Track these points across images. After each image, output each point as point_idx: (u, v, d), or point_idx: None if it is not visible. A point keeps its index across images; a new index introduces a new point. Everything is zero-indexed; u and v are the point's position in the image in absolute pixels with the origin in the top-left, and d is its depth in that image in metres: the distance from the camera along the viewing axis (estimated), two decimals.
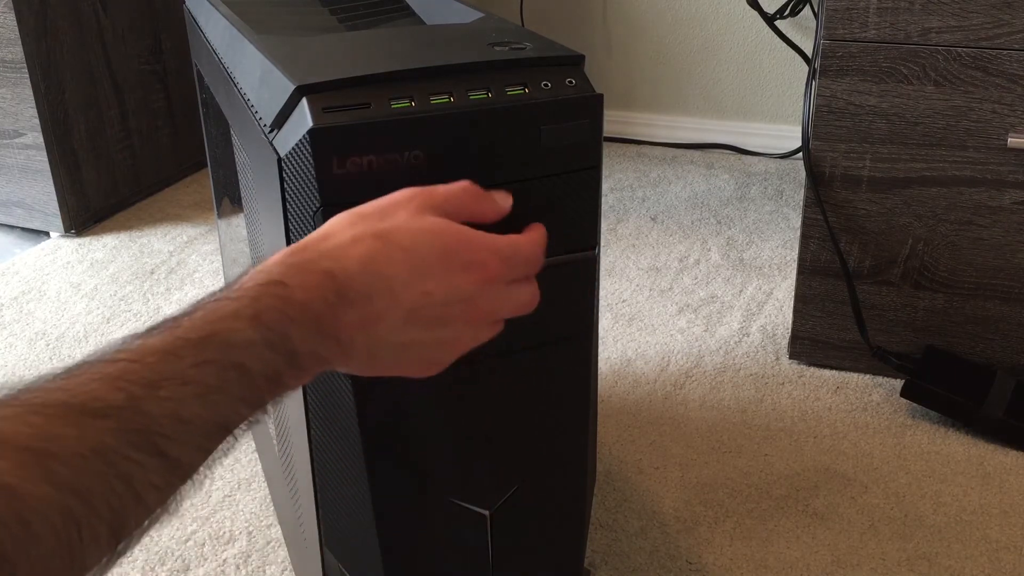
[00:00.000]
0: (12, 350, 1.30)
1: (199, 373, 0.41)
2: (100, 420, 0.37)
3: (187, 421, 0.40)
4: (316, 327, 0.46)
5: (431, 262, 0.49)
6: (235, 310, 0.44)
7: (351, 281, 0.47)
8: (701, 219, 1.65)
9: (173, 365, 0.41)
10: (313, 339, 0.46)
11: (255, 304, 0.44)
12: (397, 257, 0.48)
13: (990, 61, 1.01)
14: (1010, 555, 0.92)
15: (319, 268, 0.47)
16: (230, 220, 0.94)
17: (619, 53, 2.00)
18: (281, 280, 0.46)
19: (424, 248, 0.49)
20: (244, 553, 0.93)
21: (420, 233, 0.50)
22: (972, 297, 1.11)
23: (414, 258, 0.49)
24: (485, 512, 0.67)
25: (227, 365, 0.42)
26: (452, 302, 0.50)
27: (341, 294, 0.47)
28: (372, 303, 0.48)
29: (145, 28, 1.73)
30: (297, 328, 0.45)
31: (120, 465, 0.37)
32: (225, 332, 0.43)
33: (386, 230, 0.49)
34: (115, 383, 0.39)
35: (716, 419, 1.12)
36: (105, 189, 1.69)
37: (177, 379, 0.40)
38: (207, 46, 0.84)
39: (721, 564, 0.91)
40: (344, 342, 0.47)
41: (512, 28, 0.69)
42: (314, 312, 0.46)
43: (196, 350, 0.42)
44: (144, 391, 0.39)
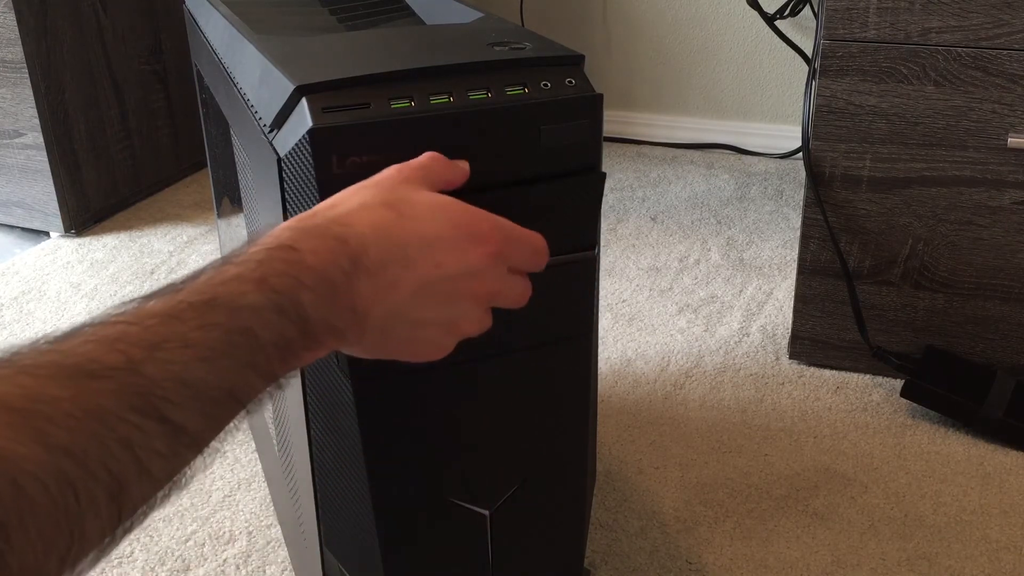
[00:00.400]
0: None
1: (203, 336, 0.39)
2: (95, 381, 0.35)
3: (191, 385, 0.38)
4: (331, 295, 0.44)
5: (442, 233, 0.48)
6: (239, 274, 0.42)
7: (365, 248, 0.46)
8: (701, 219, 1.65)
9: (174, 327, 0.38)
10: (327, 307, 0.44)
11: (261, 268, 0.42)
12: (408, 227, 0.47)
13: (990, 61, 1.01)
14: (1010, 555, 0.92)
15: (331, 233, 0.45)
16: (230, 220, 0.94)
17: (619, 53, 2.00)
18: (291, 244, 0.44)
19: (434, 220, 0.48)
20: (244, 553, 0.93)
21: (428, 206, 0.49)
22: (972, 297, 1.11)
23: (425, 228, 0.48)
24: (485, 512, 0.67)
25: (233, 329, 0.40)
26: (461, 276, 0.49)
27: (355, 261, 0.45)
28: (387, 271, 0.46)
29: (145, 28, 1.73)
30: (309, 294, 0.43)
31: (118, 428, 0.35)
32: (230, 295, 0.41)
33: (394, 200, 0.48)
34: (112, 345, 0.37)
35: (716, 419, 1.12)
36: (105, 189, 1.69)
37: (178, 341, 0.38)
38: (207, 46, 0.84)
39: (721, 564, 0.91)
40: (360, 313, 0.45)
41: (512, 28, 0.69)
42: (328, 279, 0.44)
43: (199, 313, 0.39)
44: (143, 353, 0.37)
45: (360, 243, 0.46)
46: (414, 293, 0.47)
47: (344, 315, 0.45)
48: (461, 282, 0.49)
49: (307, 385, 0.62)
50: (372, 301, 0.46)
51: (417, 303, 0.48)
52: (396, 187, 0.49)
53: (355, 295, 0.45)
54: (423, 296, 0.48)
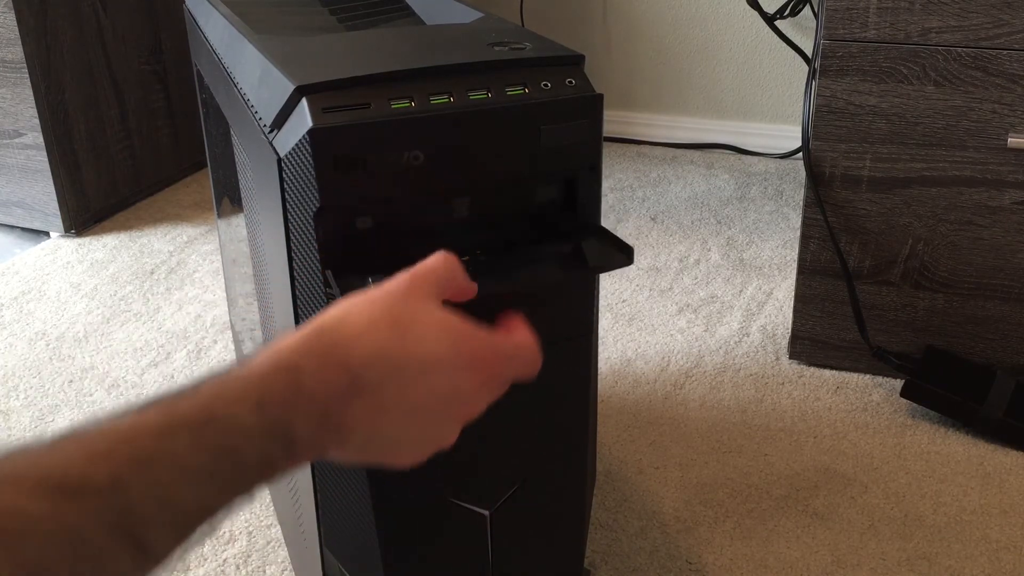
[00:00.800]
0: (12, 350, 1.30)
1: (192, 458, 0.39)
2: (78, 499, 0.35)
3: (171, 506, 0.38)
4: (321, 418, 0.45)
5: (440, 358, 0.48)
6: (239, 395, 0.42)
7: (365, 370, 0.46)
8: (701, 219, 1.65)
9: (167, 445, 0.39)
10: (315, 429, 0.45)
11: (261, 389, 0.43)
12: (410, 349, 0.47)
13: (990, 61, 1.01)
14: (1010, 555, 0.92)
15: (335, 358, 0.46)
16: (230, 220, 0.94)
17: (619, 53, 2.00)
18: (296, 366, 0.45)
19: (436, 343, 0.48)
20: (244, 553, 0.93)
21: (433, 327, 0.49)
22: (972, 297, 1.11)
23: (425, 351, 0.48)
24: (485, 512, 0.67)
25: (222, 450, 0.41)
26: (452, 399, 0.49)
27: (354, 384, 0.46)
28: (381, 394, 0.47)
29: (145, 28, 1.73)
30: (301, 418, 0.44)
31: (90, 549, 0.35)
32: (225, 416, 0.41)
33: (401, 318, 0.48)
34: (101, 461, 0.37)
35: (716, 419, 1.12)
36: (105, 189, 1.69)
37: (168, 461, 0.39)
38: (207, 46, 0.84)
39: (721, 564, 0.91)
40: (344, 432, 0.46)
41: (512, 28, 0.69)
42: (322, 403, 0.45)
43: (193, 432, 0.40)
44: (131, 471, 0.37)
45: (362, 366, 0.46)
46: (403, 415, 0.48)
47: (330, 435, 0.46)
48: (451, 405, 0.50)
49: None
50: (361, 422, 0.46)
51: (404, 424, 0.48)
52: (407, 301, 0.49)
53: (344, 418, 0.46)
54: (411, 418, 0.48)
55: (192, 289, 1.45)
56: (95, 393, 1.20)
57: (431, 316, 0.49)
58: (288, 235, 0.59)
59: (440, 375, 0.48)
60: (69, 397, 1.19)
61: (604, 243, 0.61)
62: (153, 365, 1.26)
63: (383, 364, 0.46)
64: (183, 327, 1.35)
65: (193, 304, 1.41)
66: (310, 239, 0.57)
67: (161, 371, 1.24)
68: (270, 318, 0.74)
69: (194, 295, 1.43)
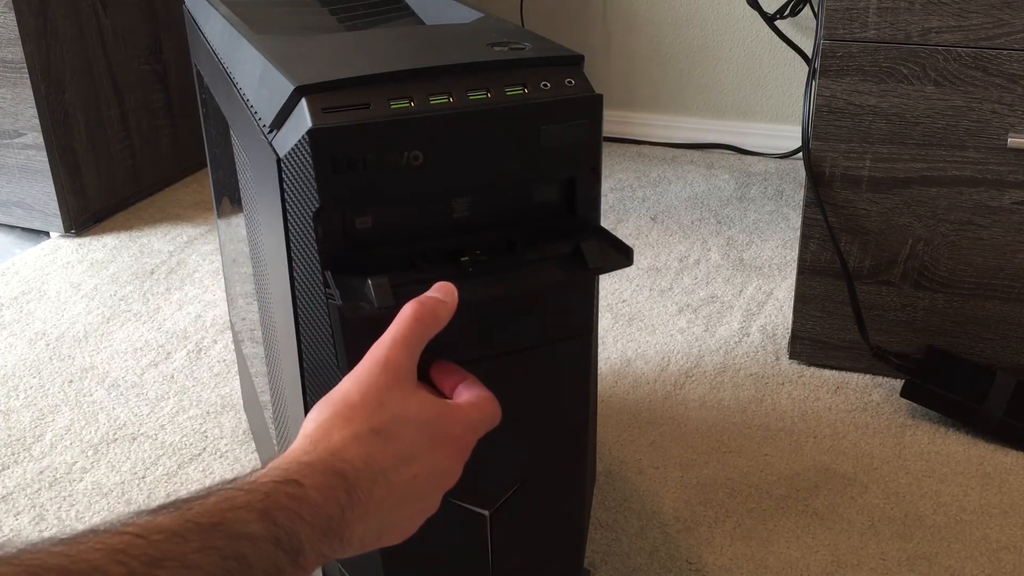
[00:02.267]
0: (12, 350, 1.30)
1: (202, 558, 0.41)
2: None
3: None
4: (326, 528, 0.48)
5: (419, 448, 0.53)
6: (247, 502, 0.45)
7: (358, 480, 0.50)
8: (701, 219, 1.65)
9: (178, 546, 0.41)
10: (321, 540, 0.47)
11: (267, 500, 0.45)
12: (392, 450, 0.52)
13: (990, 61, 1.01)
14: (1010, 555, 0.92)
15: (332, 468, 0.49)
16: (230, 220, 0.94)
17: (619, 53, 2.00)
18: (297, 479, 0.47)
19: (413, 437, 0.52)
20: None
21: (408, 423, 0.53)
22: (972, 297, 1.11)
23: (405, 448, 0.52)
24: (485, 512, 0.67)
25: (230, 554, 0.43)
26: (433, 477, 0.54)
27: (350, 494, 0.49)
28: (372, 497, 0.50)
29: (145, 28, 1.73)
30: (307, 528, 0.46)
31: None
32: (234, 522, 0.44)
33: (380, 425, 0.52)
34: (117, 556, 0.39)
35: (716, 419, 1.12)
36: (105, 189, 1.69)
37: (179, 561, 0.40)
38: (207, 46, 0.84)
39: (721, 564, 0.91)
40: (345, 540, 0.50)
41: (512, 28, 0.69)
42: (326, 514, 0.48)
43: (203, 535, 0.42)
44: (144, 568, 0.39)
45: (355, 477, 0.50)
46: (392, 507, 0.52)
47: (333, 543, 0.49)
48: (432, 484, 0.54)
49: (307, 386, 0.62)
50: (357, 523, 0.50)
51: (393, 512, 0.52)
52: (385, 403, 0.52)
53: (345, 526, 0.49)
54: (398, 505, 0.52)
55: (192, 289, 1.45)
56: (95, 393, 1.20)
57: (408, 412, 0.53)
58: (288, 235, 0.59)
59: (420, 463, 0.53)
60: (69, 397, 1.19)
61: (604, 244, 0.62)
62: (153, 365, 1.26)
63: (371, 471, 0.51)
64: (183, 327, 1.35)
65: (193, 304, 1.41)
66: (310, 239, 0.57)
67: (161, 371, 1.24)
68: (270, 318, 0.74)
69: (194, 295, 1.43)
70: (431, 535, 0.67)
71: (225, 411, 1.16)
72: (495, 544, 0.68)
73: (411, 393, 0.54)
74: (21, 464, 1.07)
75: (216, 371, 1.24)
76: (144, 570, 0.39)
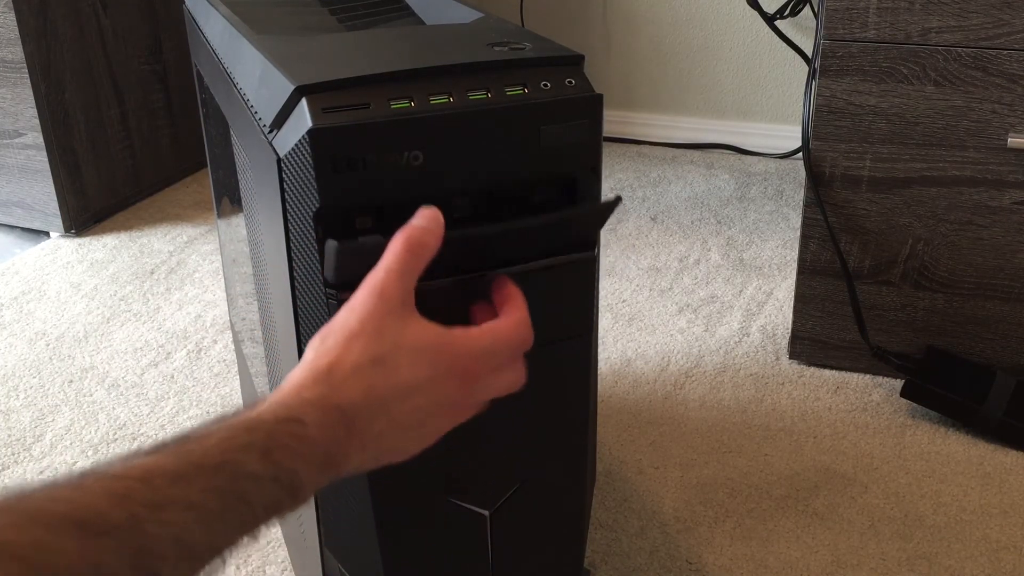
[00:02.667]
0: (12, 350, 1.30)
1: (204, 499, 0.42)
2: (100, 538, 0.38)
3: (185, 544, 0.41)
4: (324, 462, 0.48)
5: (421, 379, 0.52)
6: (249, 443, 0.46)
7: (357, 412, 0.50)
8: (701, 219, 1.65)
9: (181, 489, 0.42)
10: (318, 473, 0.48)
11: (268, 440, 0.46)
12: (392, 381, 0.51)
13: (990, 61, 1.01)
14: (1010, 555, 0.92)
15: (332, 404, 0.49)
16: (230, 220, 0.94)
17: (619, 53, 2.00)
18: (299, 418, 0.48)
19: (414, 367, 0.52)
20: (244, 553, 0.93)
21: (410, 351, 0.52)
22: (972, 297, 1.11)
23: (407, 379, 0.52)
24: (485, 512, 0.67)
25: (232, 494, 0.43)
26: (437, 409, 0.53)
27: (349, 427, 0.49)
28: (372, 428, 0.51)
29: (145, 28, 1.73)
30: (306, 465, 0.47)
31: None
32: (236, 464, 0.44)
33: (381, 355, 0.51)
34: (120, 502, 0.39)
35: (716, 419, 1.12)
36: (105, 189, 1.69)
37: (182, 503, 0.41)
38: (207, 46, 0.84)
39: (721, 564, 0.91)
40: (342, 470, 0.50)
41: (512, 28, 0.69)
42: (325, 449, 0.48)
43: (205, 477, 0.43)
44: (148, 512, 0.40)
45: (354, 410, 0.50)
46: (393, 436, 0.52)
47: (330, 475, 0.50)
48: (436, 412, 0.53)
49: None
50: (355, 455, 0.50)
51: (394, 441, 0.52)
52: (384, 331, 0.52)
53: (342, 458, 0.50)
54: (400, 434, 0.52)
55: (192, 289, 1.45)
56: (95, 393, 1.20)
57: (406, 340, 0.52)
58: (288, 235, 0.59)
59: (422, 394, 0.52)
60: (69, 397, 1.19)
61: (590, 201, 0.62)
62: (153, 365, 1.26)
63: (371, 404, 0.50)
64: (183, 327, 1.35)
65: (193, 304, 1.41)
66: (310, 239, 0.57)
67: (161, 371, 1.24)
68: (270, 318, 0.74)
69: (194, 295, 1.43)
70: (431, 535, 0.67)
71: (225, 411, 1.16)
72: (495, 544, 0.68)
73: (409, 321, 0.53)
74: (21, 464, 1.07)
75: (216, 371, 1.24)
76: (147, 514, 0.39)
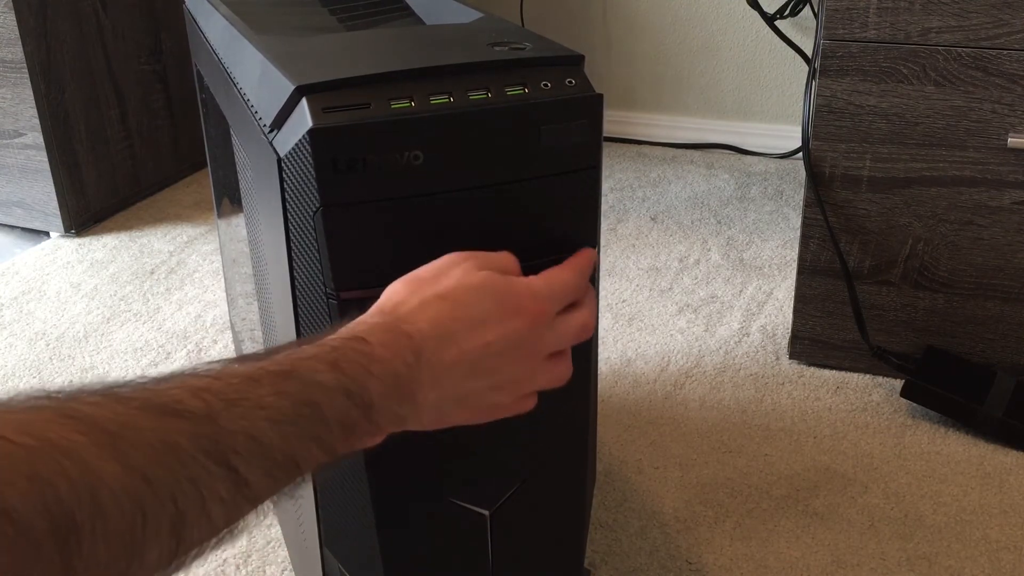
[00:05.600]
0: (12, 350, 1.30)
1: (275, 401, 0.43)
2: (177, 420, 0.39)
3: (258, 442, 0.42)
4: (395, 385, 0.49)
5: (486, 314, 0.53)
6: (316, 354, 0.47)
7: (425, 341, 0.51)
8: (701, 219, 1.65)
9: (252, 389, 0.43)
10: (391, 397, 0.49)
11: (334, 353, 0.47)
12: (459, 314, 0.53)
13: (990, 61, 1.01)
14: (1010, 555, 0.92)
15: (399, 330, 0.51)
16: (230, 220, 0.94)
17: (619, 53, 2.00)
18: (363, 337, 0.49)
19: (479, 302, 0.53)
20: (244, 553, 0.93)
21: (473, 289, 0.54)
22: (972, 297, 1.11)
23: (472, 312, 0.53)
24: (485, 512, 0.67)
25: (303, 400, 0.44)
26: (507, 349, 0.54)
27: (417, 354, 0.50)
28: (442, 359, 0.51)
29: (145, 28, 1.73)
30: (376, 383, 0.48)
31: (190, 466, 0.38)
32: (304, 370, 0.45)
33: (446, 290, 0.53)
34: (196, 393, 0.41)
35: (716, 419, 1.12)
36: (105, 189, 1.69)
37: (253, 402, 0.42)
38: (207, 46, 0.84)
39: (721, 564, 0.91)
40: (419, 403, 0.51)
41: (512, 28, 0.69)
42: (394, 371, 0.49)
43: (275, 380, 0.44)
44: (222, 405, 0.41)
45: (422, 337, 0.51)
46: (465, 374, 0.52)
47: (406, 405, 0.50)
48: (507, 354, 0.54)
49: None
50: (429, 388, 0.51)
51: (468, 381, 0.53)
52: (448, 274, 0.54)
53: (415, 387, 0.50)
54: (473, 374, 0.53)
55: (192, 289, 1.45)
56: None
57: (471, 279, 0.54)
58: (288, 235, 0.59)
59: (492, 331, 0.53)
60: None
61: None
62: (153, 365, 1.26)
63: (439, 333, 0.51)
64: (183, 327, 1.35)
65: (193, 304, 1.41)
66: (310, 239, 0.57)
67: (161, 371, 1.24)
68: (270, 318, 0.74)
69: (194, 295, 1.43)
70: (431, 535, 0.67)
71: None
72: (495, 544, 0.68)
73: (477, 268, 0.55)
74: None
75: None
76: (221, 406, 0.41)
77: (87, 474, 0.34)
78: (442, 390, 0.51)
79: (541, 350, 0.56)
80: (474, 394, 0.54)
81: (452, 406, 0.53)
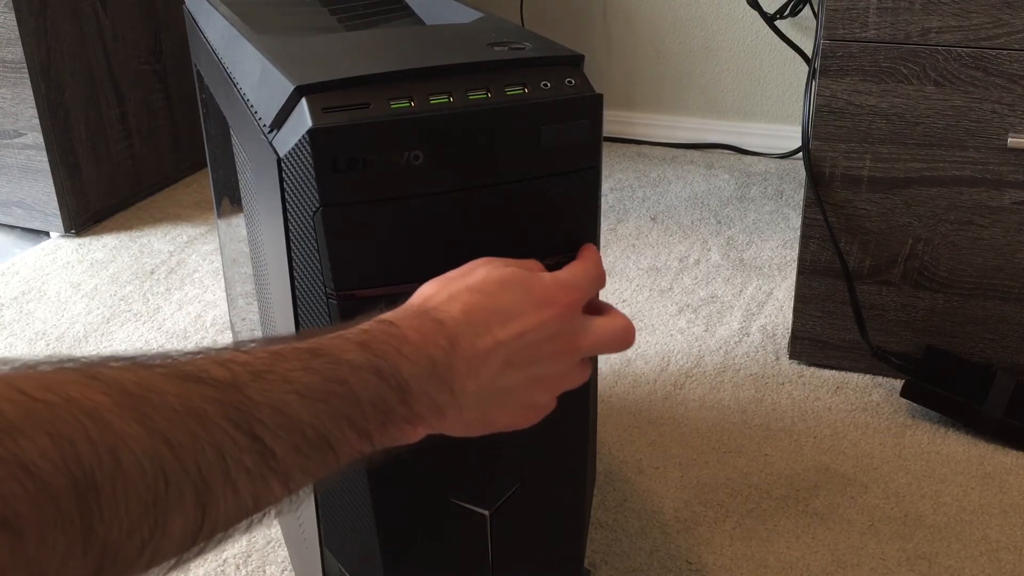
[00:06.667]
0: (12, 350, 1.30)
1: (303, 376, 0.42)
2: (202, 386, 0.39)
3: (285, 415, 0.41)
4: (431, 369, 0.48)
5: (517, 305, 0.53)
6: (343, 334, 0.46)
7: (459, 328, 0.50)
8: (701, 219, 1.65)
9: (279, 364, 0.42)
10: (427, 381, 0.48)
11: (363, 334, 0.47)
12: (489, 305, 0.52)
13: (990, 61, 1.01)
14: (1010, 555, 0.92)
15: (429, 316, 0.50)
16: (230, 220, 0.94)
17: (619, 53, 2.00)
18: (392, 321, 0.49)
19: (509, 293, 0.53)
20: (244, 553, 0.93)
21: (501, 282, 0.54)
22: (972, 297, 1.11)
23: (503, 302, 0.53)
24: (485, 512, 0.67)
25: (331, 378, 0.43)
26: (541, 340, 0.54)
27: (452, 341, 0.50)
28: (477, 349, 0.51)
29: (145, 28, 1.73)
30: (409, 364, 0.47)
31: (214, 433, 0.38)
32: (332, 348, 0.45)
33: (475, 283, 0.53)
34: (222, 363, 0.41)
35: (716, 419, 1.12)
36: (105, 189, 1.69)
37: (280, 376, 0.42)
38: (207, 46, 0.84)
39: (721, 564, 0.91)
40: (457, 392, 0.50)
41: (512, 28, 0.69)
42: (428, 354, 0.48)
43: (302, 357, 0.43)
44: (248, 376, 0.41)
45: (455, 325, 0.50)
46: (502, 365, 0.52)
47: (443, 392, 0.49)
48: (541, 346, 0.54)
49: None
50: (467, 378, 0.50)
51: (506, 372, 0.52)
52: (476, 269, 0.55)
53: (452, 372, 0.49)
54: (510, 365, 0.52)
55: (192, 289, 1.45)
56: None
57: (499, 273, 0.54)
58: (288, 235, 0.59)
59: (524, 321, 0.53)
60: None
61: None
62: None
63: (473, 322, 0.51)
64: (183, 327, 1.35)
65: (193, 304, 1.41)
66: (310, 239, 0.57)
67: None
68: (270, 318, 0.74)
69: (194, 295, 1.43)
70: (431, 535, 0.67)
71: None
72: (495, 544, 0.68)
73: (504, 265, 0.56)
74: None
75: None
76: (247, 377, 0.40)
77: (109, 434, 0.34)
78: (480, 380, 0.51)
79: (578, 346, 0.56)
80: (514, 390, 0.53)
81: (493, 405, 0.52)
